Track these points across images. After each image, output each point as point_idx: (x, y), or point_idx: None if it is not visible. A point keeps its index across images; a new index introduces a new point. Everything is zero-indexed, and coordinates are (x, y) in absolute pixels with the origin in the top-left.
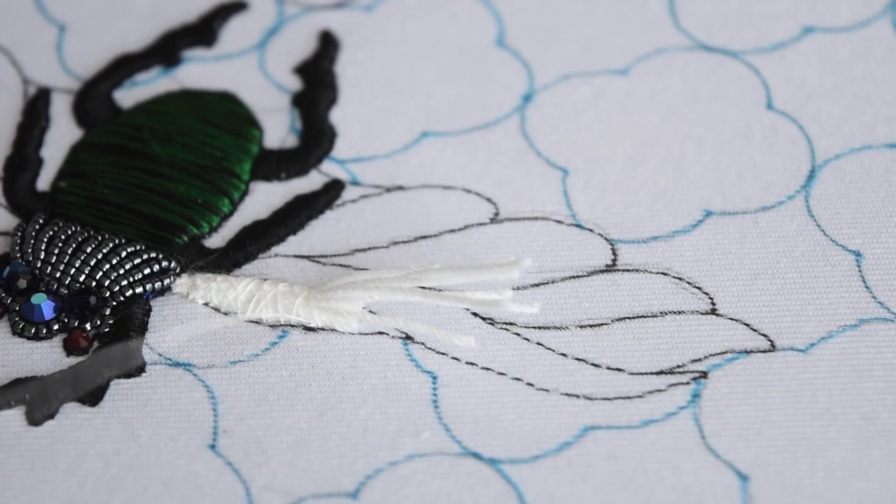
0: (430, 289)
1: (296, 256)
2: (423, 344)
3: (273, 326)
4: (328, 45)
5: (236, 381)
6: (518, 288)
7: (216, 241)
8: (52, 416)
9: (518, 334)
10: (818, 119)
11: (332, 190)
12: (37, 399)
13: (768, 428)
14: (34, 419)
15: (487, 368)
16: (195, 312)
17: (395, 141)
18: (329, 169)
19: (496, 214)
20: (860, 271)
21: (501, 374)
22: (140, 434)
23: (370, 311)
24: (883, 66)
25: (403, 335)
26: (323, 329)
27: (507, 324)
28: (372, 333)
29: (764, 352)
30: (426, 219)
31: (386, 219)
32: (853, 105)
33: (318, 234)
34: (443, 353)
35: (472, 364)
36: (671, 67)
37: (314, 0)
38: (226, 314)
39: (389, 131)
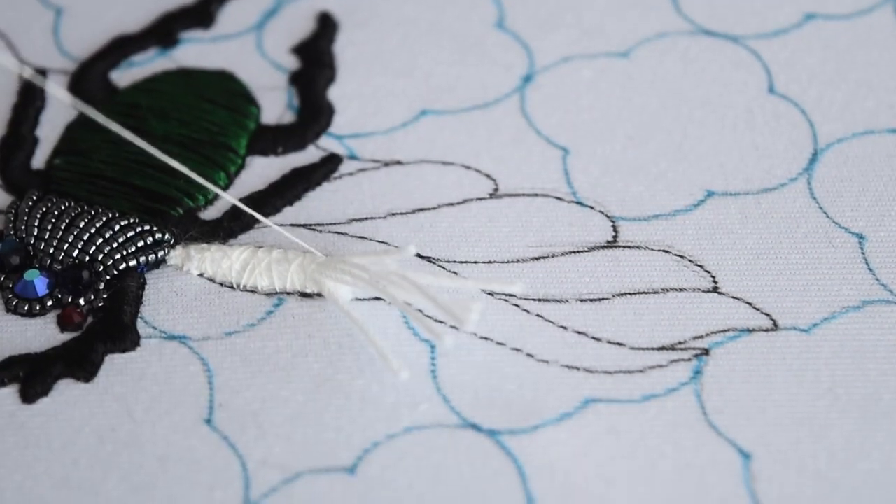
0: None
1: (292, 225)
2: (421, 311)
3: (269, 295)
4: (326, 26)
5: (232, 353)
6: (518, 261)
7: (212, 213)
8: (45, 394)
9: (517, 305)
10: (820, 105)
11: (330, 163)
12: (31, 376)
13: (771, 406)
14: (28, 396)
15: (486, 338)
16: (190, 283)
17: (393, 119)
18: (327, 144)
19: (495, 190)
20: (863, 253)
21: (500, 343)
22: (135, 409)
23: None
24: (885, 53)
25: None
26: (319, 295)
27: (506, 294)
28: (369, 299)
29: (766, 331)
30: (424, 192)
31: (384, 191)
32: (855, 91)
33: (314, 204)
34: (441, 322)
35: (470, 333)
36: (672, 51)
37: None
38: (221, 284)
39: (388, 110)
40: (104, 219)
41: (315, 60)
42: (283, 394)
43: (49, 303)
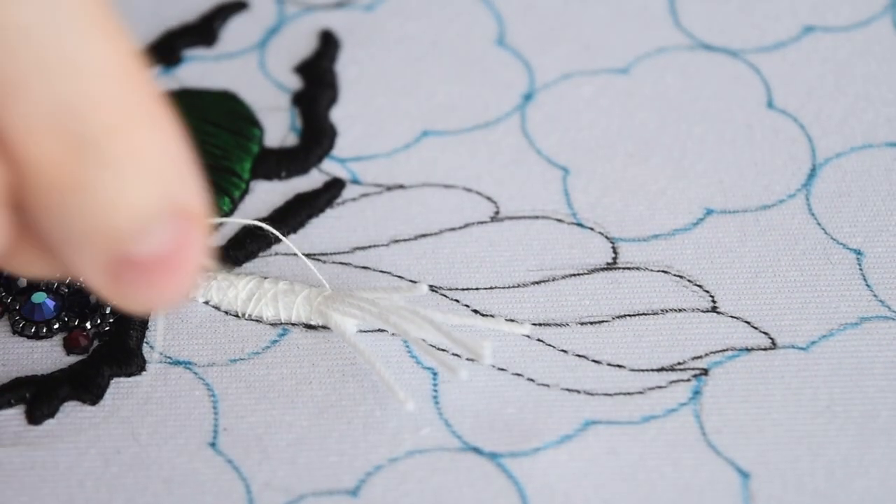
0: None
1: (296, 255)
2: (424, 340)
3: (273, 325)
4: (328, 44)
5: (236, 380)
6: (518, 286)
7: (216, 239)
8: (52, 415)
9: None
10: (819, 118)
11: (333, 188)
12: (37, 398)
13: (769, 425)
14: (34, 418)
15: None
16: (195, 311)
17: (395, 140)
18: (330, 168)
19: (496, 213)
20: (861, 270)
21: (502, 369)
22: (140, 432)
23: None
24: (884, 66)
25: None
26: (324, 327)
27: (507, 321)
28: (372, 331)
29: (765, 349)
30: (426, 216)
31: (386, 217)
32: (854, 104)
33: (318, 232)
34: (443, 350)
35: (472, 360)
36: (672, 66)
37: (314, 0)
38: (226, 312)
39: (390, 130)
40: None
41: (317, 80)
42: (287, 419)
43: (56, 325)
